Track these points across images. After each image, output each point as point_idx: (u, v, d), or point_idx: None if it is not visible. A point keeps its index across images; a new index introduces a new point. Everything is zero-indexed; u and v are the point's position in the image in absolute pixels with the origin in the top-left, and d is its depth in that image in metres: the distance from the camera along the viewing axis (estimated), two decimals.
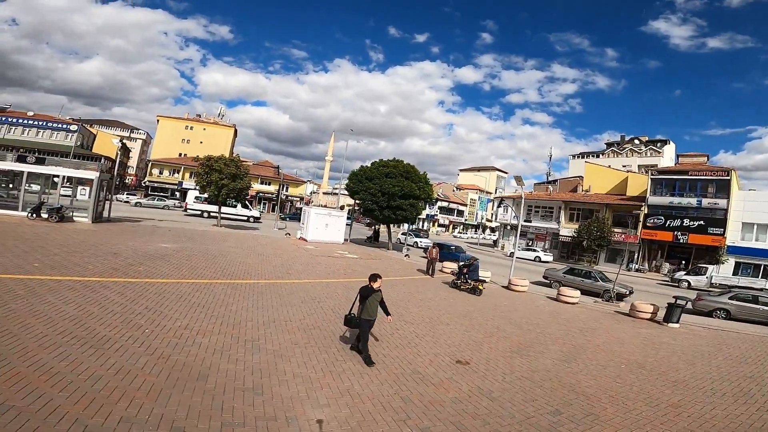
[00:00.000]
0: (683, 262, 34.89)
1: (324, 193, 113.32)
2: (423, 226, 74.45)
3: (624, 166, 58.61)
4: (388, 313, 7.26)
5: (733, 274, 31.46)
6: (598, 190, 46.17)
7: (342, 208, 78.70)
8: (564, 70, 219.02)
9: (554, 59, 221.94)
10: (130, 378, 4.97)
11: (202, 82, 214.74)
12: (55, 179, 20.70)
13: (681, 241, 34.73)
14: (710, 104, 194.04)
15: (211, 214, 35.82)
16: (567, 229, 41.61)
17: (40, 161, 20.75)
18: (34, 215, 18.47)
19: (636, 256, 37.34)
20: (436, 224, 79.11)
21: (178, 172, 60.94)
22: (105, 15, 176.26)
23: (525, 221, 45.07)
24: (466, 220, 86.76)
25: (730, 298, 16.72)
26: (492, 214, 77.14)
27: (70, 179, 21.03)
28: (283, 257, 18.31)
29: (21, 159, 20.35)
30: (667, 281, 30.99)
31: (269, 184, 62.95)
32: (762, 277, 30.62)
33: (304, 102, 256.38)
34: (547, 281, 20.94)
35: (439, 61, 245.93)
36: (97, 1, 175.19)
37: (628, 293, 18.51)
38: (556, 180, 59.12)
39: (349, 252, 24.31)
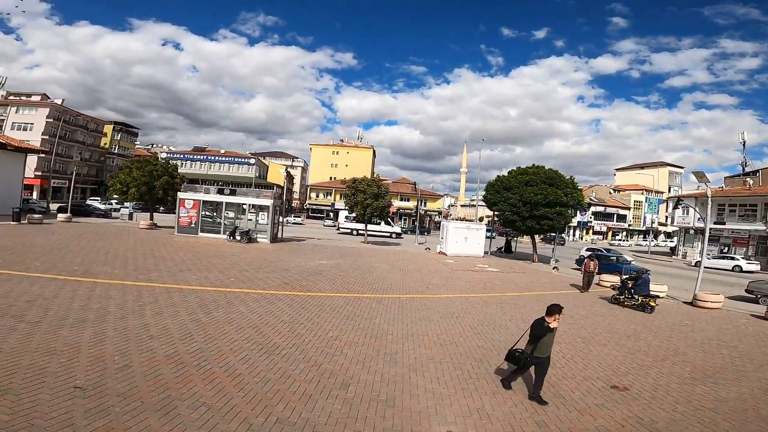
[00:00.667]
0: None
1: (462, 206, 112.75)
2: (573, 235, 66.91)
3: None
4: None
5: None
6: None
7: (481, 219, 77.14)
8: (738, 44, 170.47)
9: (720, 34, 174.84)
10: (290, 382, 5.92)
11: (340, 108, 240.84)
12: (244, 207, 25.97)
13: None
14: None
15: (359, 231, 39.42)
16: None
17: (233, 192, 26.46)
18: (231, 237, 23.70)
19: None
20: (591, 232, 70.00)
21: (330, 195, 69.38)
22: (255, 56, 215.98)
23: (716, 223, 36.21)
24: (630, 225, 74.48)
25: None
26: (666, 216, 64.23)
27: (253, 206, 26.09)
28: (423, 272, 18.93)
29: (220, 191, 26.38)
30: None
31: (408, 200, 66.11)
32: None
33: (432, 116, 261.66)
34: (752, 296, 16.40)
35: (567, 55, 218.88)
36: (246, 45, 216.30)
37: None
38: (757, 171, 45.87)
39: (489, 265, 23.62)
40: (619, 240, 67.72)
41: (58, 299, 8.81)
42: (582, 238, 68.68)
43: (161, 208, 37.02)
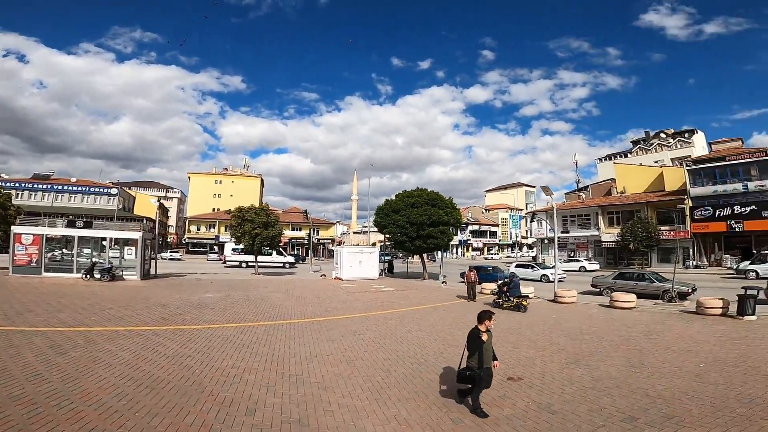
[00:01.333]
0: (736, 251, 32.42)
1: (354, 233, 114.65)
2: (456, 252, 73.27)
3: (656, 162, 56.22)
4: (495, 358, 5.95)
5: None
6: (634, 189, 44.18)
7: (374, 245, 79.41)
8: (571, 75, 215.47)
9: (558, 66, 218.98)
10: (183, 414, 5.06)
11: (224, 135, 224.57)
12: (104, 242, 22.14)
13: (736, 229, 32.41)
14: (728, 89, 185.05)
15: (249, 263, 36.86)
16: (608, 234, 39.78)
17: (87, 225, 22.40)
18: (88, 276, 19.79)
19: (691, 252, 34.99)
20: (470, 249, 77.66)
21: (213, 227, 63.78)
22: (124, 74, 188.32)
23: (562, 232, 43.51)
24: (500, 240, 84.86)
25: None
26: (526, 230, 75.03)
27: (117, 241, 22.41)
28: (321, 297, 18.41)
29: (71, 224, 22.13)
30: (732, 274, 28.57)
31: (300, 230, 64.64)
32: None
33: (323, 144, 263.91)
34: (596, 289, 19.80)
35: (447, 85, 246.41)
36: (114, 61, 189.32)
37: (690, 291, 16.90)
38: (587, 186, 57.22)
39: (385, 286, 24.17)
40: (493, 254, 76.48)
41: None
42: (464, 255, 75.63)
43: None
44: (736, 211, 32.44)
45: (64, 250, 21.64)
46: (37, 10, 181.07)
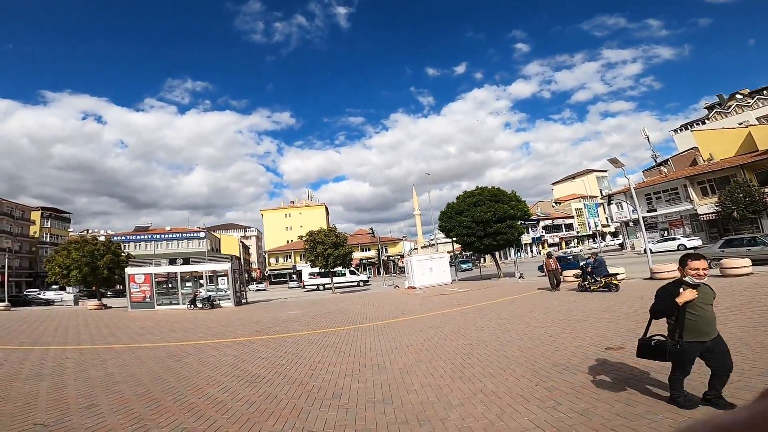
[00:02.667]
0: None
1: (422, 248, 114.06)
2: (530, 251, 69.51)
3: (740, 124, 48.91)
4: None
5: None
6: (722, 155, 38.56)
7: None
8: (617, 53, 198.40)
9: (600, 45, 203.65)
10: (276, 401, 5.37)
11: (285, 171, 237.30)
12: (201, 280, 24.55)
13: None
14: None
15: (326, 285, 38.28)
16: (705, 206, 35.03)
17: (186, 262, 25.07)
18: (192, 306, 22.09)
19: None
20: (545, 245, 73.03)
21: (290, 257, 67.47)
22: (187, 125, 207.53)
23: (648, 211, 39.27)
24: (578, 232, 78.77)
25: None
26: (606, 217, 68.97)
27: (211, 276, 24.68)
28: (397, 303, 18.50)
29: (172, 262, 24.85)
30: None
31: (369, 250, 65.81)
32: None
33: (377, 165, 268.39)
34: None
35: (487, 85, 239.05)
36: (177, 113, 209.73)
37: None
38: (667, 160, 51.36)
39: (459, 288, 23.64)
40: (572, 247, 70.98)
41: (8, 362, 8.29)
42: (539, 253, 71.29)
43: (108, 293, 34.00)
44: None
45: (170, 286, 24.31)
46: (96, 68, 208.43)
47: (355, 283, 41.77)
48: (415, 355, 7.48)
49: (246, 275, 62.94)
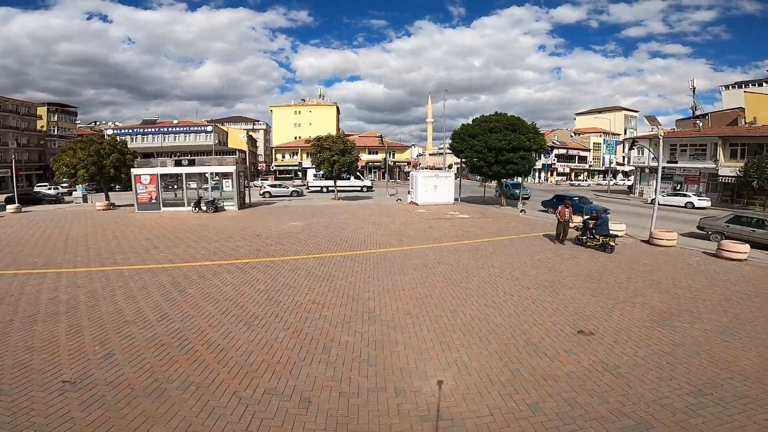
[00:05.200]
0: None
1: (430, 155, 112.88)
2: (538, 177, 68.87)
3: None
4: None
5: None
6: (767, 121, 35.96)
7: (450, 167, 77.22)
8: None
9: None
10: (272, 352, 5.98)
11: (298, 68, 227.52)
12: (206, 176, 24.88)
13: None
14: None
15: (329, 188, 38.87)
16: (728, 168, 33.66)
17: (191, 163, 25.17)
18: (197, 209, 22.88)
19: None
20: (555, 173, 72.19)
21: (296, 154, 67.32)
22: (198, 21, 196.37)
23: (669, 162, 37.90)
24: (590, 166, 77.16)
25: None
26: (624, 157, 66.83)
27: (216, 175, 24.98)
28: (396, 224, 19.07)
29: (178, 163, 25.01)
30: None
31: (376, 153, 65.17)
32: None
33: (395, 69, 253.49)
34: (703, 232, 17.32)
35: (528, 5, 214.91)
36: (187, 10, 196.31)
37: None
38: (706, 114, 47.70)
39: (460, 212, 24.07)
40: (581, 180, 70.31)
41: (25, 295, 8.51)
42: (547, 180, 70.91)
43: (117, 187, 35.00)
44: None
45: (176, 186, 24.68)
46: None
47: (359, 188, 42.36)
48: (404, 305, 8.05)
49: (252, 168, 63.54)
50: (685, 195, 33.88)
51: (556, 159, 71.44)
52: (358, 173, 41.44)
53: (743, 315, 7.89)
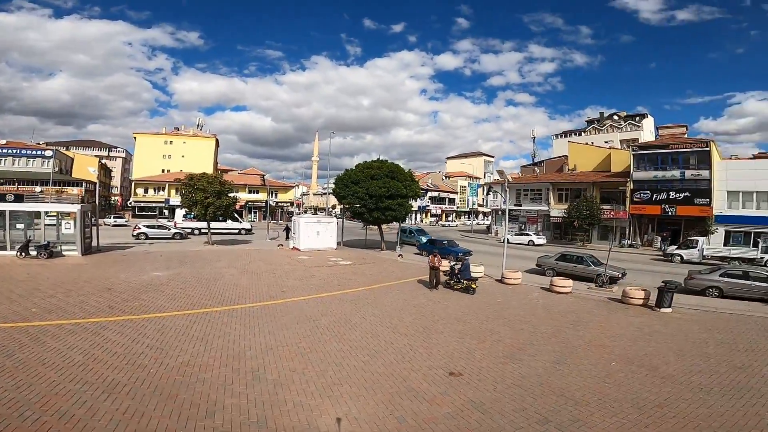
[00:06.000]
0: (666, 232, 36.23)
1: (314, 194, 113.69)
2: (414, 218, 75.09)
3: (606, 142, 59.79)
4: None
5: (724, 245, 32.27)
6: (584, 168, 46.85)
7: (333, 207, 78.51)
8: (542, 50, 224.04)
9: (531, 39, 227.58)
10: (146, 420, 5.42)
11: (177, 91, 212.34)
12: (38, 219, 20.71)
13: (669, 213, 35.72)
14: (686, 74, 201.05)
15: (202, 230, 35.90)
16: (557, 210, 42.48)
17: (19, 198, 20.81)
18: (23, 254, 18.68)
19: (627, 232, 38.32)
20: (428, 214, 79.88)
21: (163, 190, 60.71)
22: (62, 30, 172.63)
23: (515, 205, 45.98)
24: (458, 207, 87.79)
25: (721, 275, 16.77)
26: (483, 199, 78.03)
27: (53, 214, 21.08)
28: (277, 273, 18.65)
29: (0, 198, 20.40)
30: (660, 257, 31.82)
31: (257, 192, 63.03)
32: (753, 246, 31.26)
33: (285, 102, 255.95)
34: (540, 269, 21.45)
35: (417, 50, 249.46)
36: (51, 17, 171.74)
37: (620, 276, 18.72)
38: (542, 161, 60.09)
39: (342, 258, 24.73)
40: (450, 221, 79.29)
41: None
42: (422, 221, 77.77)
43: None
44: (671, 197, 35.57)
45: None
46: None
47: (237, 231, 40.16)
48: (289, 362, 8.02)
49: (103, 201, 54.84)
50: (527, 234, 41.06)
51: (429, 201, 79.43)
52: (235, 215, 39.35)
53: (571, 344, 9.96)
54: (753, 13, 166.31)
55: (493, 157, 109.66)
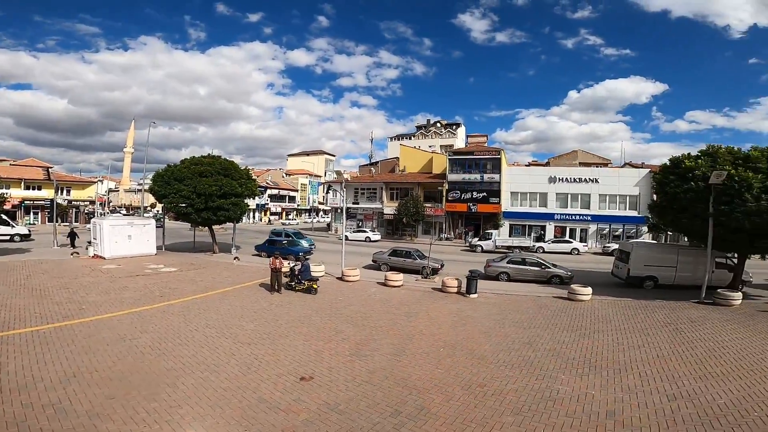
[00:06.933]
0: (470, 227, 44.03)
1: (126, 191, 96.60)
2: (252, 217, 71.59)
3: (430, 147, 68.89)
4: None
5: (509, 236, 41.28)
6: (412, 169, 53.11)
7: (153, 206, 68.35)
8: (390, 57, 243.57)
9: (383, 45, 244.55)
10: None
11: None
12: None
13: (473, 210, 43.47)
14: (492, 90, 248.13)
15: None
16: (389, 208, 46.81)
17: None
18: None
19: (444, 227, 45.02)
20: (268, 213, 77.26)
21: None
22: None
23: (353, 203, 48.75)
24: (298, 205, 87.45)
25: (507, 262, 21.17)
26: (323, 197, 79.82)
27: None
28: (72, 288, 15.20)
29: None
30: (468, 248, 38.43)
31: (39, 189, 49.45)
32: (528, 235, 41.39)
33: (91, 84, 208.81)
34: (376, 264, 23.29)
35: (271, 42, 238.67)
36: None
37: (440, 267, 22.04)
38: (378, 162, 65.17)
39: (165, 264, 21.83)
40: (291, 219, 78.34)
41: None
42: (261, 220, 74.44)
43: None
44: (474, 196, 43.44)
45: None
46: None
47: (8, 238, 30.99)
48: (103, 389, 6.81)
49: None
50: (364, 231, 44.13)
51: (269, 199, 76.80)
52: (4, 216, 30.28)
53: (406, 335, 11.04)
54: (545, 40, 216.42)
55: (334, 156, 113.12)
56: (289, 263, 18.54)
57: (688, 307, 15.49)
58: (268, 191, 76.01)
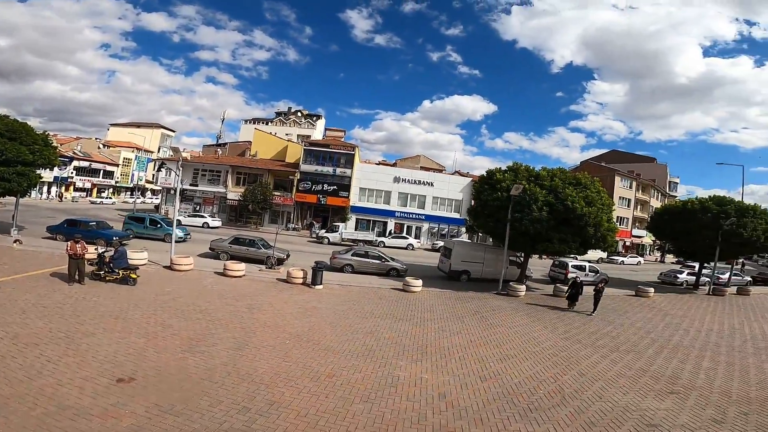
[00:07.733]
0: (318, 218, 44.87)
1: None
2: (47, 193, 57.72)
3: (287, 135, 67.15)
4: None
5: (355, 230, 43.31)
6: (264, 155, 50.85)
7: None
8: (264, 38, 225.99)
9: (259, 25, 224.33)
10: None
11: None
12: None
13: (322, 202, 44.18)
14: (356, 88, 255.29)
15: None
16: (234, 193, 43.79)
17: None
18: None
19: (292, 217, 44.53)
20: (72, 188, 63.18)
21: None
22: None
23: (191, 185, 43.99)
24: (117, 182, 73.95)
25: (352, 255, 22.23)
26: (153, 175, 69.34)
27: None
28: None
29: None
30: (314, 239, 38.87)
31: None
32: (372, 230, 43.99)
33: None
34: (214, 252, 21.59)
35: (124, 1, 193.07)
36: None
37: (286, 257, 21.83)
38: (227, 143, 60.21)
39: None
40: (104, 197, 65.51)
41: None
42: (60, 197, 59.98)
43: None
44: (324, 188, 44.13)
45: None
46: None
47: None
48: None
49: None
50: (202, 216, 40.31)
51: (75, 172, 62.66)
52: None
53: (249, 328, 10.68)
54: (417, 49, 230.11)
55: (174, 131, 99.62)
56: (96, 249, 15.78)
57: (490, 297, 19.10)
58: (75, 163, 62.38)
